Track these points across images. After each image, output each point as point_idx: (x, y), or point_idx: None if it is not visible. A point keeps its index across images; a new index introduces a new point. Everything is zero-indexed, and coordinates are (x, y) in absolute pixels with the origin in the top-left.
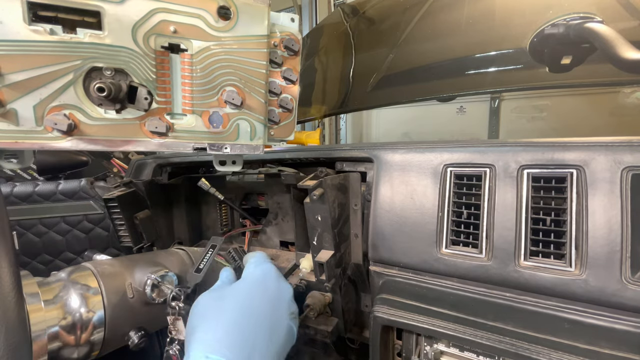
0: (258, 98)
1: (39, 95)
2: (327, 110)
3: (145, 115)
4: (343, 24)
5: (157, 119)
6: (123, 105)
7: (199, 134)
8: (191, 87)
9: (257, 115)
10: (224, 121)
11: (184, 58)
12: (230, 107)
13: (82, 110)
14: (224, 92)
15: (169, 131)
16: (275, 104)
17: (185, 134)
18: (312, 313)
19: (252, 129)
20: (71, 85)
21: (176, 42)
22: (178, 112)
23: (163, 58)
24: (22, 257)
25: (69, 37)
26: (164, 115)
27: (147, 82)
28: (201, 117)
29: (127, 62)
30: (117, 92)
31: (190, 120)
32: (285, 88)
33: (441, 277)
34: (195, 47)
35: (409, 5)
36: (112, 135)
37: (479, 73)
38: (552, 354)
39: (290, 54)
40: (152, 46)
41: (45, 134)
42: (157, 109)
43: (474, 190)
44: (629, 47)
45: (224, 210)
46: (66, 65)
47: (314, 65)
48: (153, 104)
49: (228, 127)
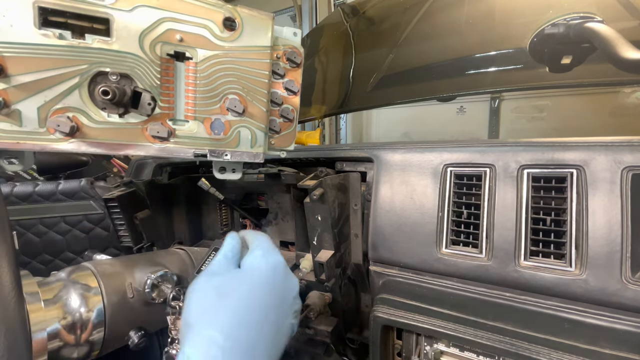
0: (260, 107)
1: (43, 97)
2: (327, 110)
3: (148, 120)
4: (343, 24)
5: (159, 124)
6: (126, 110)
7: (200, 140)
8: (194, 94)
9: (258, 123)
10: (225, 128)
11: (189, 66)
12: (232, 115)
13: (85, 114)
14: (226, 99)
15: (170, 136)
16: (277, 113)
17: (187, 139)
18: (312, 313)
19: (253, 137)
20: (77, 88)
21: (182, 51)
22: (180, 118)
23: (168, 65)
24: (22, 257)
25: (77, 42)
26: (166, 121)
27: (152, 88)
28: (203, 124)
29: (132, 67)
30: (122, 96)
31: (192, 127)
32: (287, 99)
33: (441, 277)
34: (200, 55)
35: (409, 5)
36: (114, 139)
37: (479, 73)
38: (552, 354)
39: (292, 66)
40: (158, 53)
41: (47, 136)
42: (160, 114)
43: (474, 190)
44: (629, 47)
45: (224, 210)
46: (73, 69)
47: (314, 65)
48: (156, 110)
49: (229, 134)
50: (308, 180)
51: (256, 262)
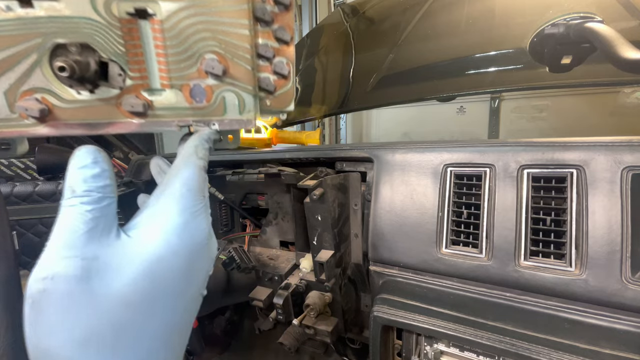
0: (243, 65)
1: (7, 81)
2: (327, 110)
3: (121, 94)
4: (343, 24)
5: (133, 97)
6: (95, 85)
7: (181, 111)
8: (166, 57)
9: (244, 85)
10: (207, 94)
11: (154, 24)
12: (212, 78)
13: (53, 93)
14: (203, 60)
15: (147, 110)
16: (269, 69)
17: (166, 111)
18: (312, 313)
19: (241, 102)
20: (37, 66)
21: (141, 7)
22: (156, 87)
23: (130, 27)
24: (22, 257)
25: (25, 13)
26: (140, 92)
27: (117, 57)
28: (181, 92)
29: (90, 35)
30: (84, 70)
31: (169, 96)
32: (279, 50)
33: (441, 277)
34: (164, 10)
35: (409, 5)
36: (89, 118)
37: (479, 73)
38: (552, 354)
39: (280, 8)
40: (116, 14)
41: (20, 121)
42: (133, 85)
43: (474, 190)
44: (629, 47)
45: (224, 210)
46: (28, 45)
47: (314, 65)
48: (127, 81)
49: (212, 101)
50: (308, 180)
51: (168, 226)
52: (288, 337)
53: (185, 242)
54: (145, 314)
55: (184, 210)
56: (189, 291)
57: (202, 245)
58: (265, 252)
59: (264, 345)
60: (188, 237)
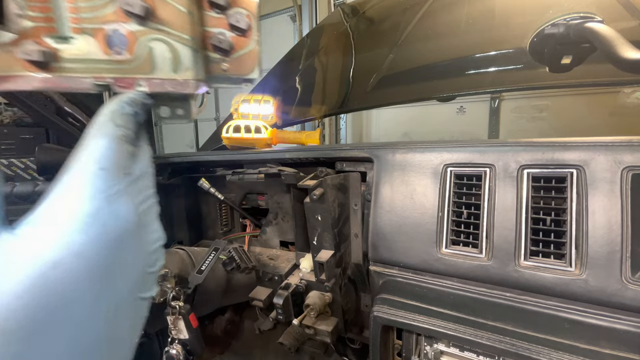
0: (175, 5)
1: None
2: (327, 110)
3: (19, 39)
4: (343, 24)
5: (32, 42)
6: None
7: (96, 64)
8: None
9: (178, 33)
10: (128, 43)
11: None
12: (134, 22)
13: None
14: None
15: (51, 60)
16: (224, 23)
17: (77, 64)
18: (312, 313)
19: (175, 56)
20: None
21: None
22: (63, 32)
23: None
24: None
25: None
26: (41, 38)
27: None
28: (94, 39)
29: None
30: None
31: (80, 44)
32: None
33: (441, 277)
34: None
35: (409, 5)
36: None
37: (479, 73)
38: (552, 354)
39: None
40: None
41: None
42: (33, 28)
43: (474, 190)
44: (629, 47)
45: (224, 210)
46: None
47: (314, 65)
48: (26, 22)
49: (136, 53)
50: (308, 180)
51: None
52: (288, 337)
53: (96, 237)
54: (35, 339)
55: (95, 194)
56: (110, 297)
57: (123, 238)
58: (265, 252)
59: (264, 345)
60: (99, 230)
